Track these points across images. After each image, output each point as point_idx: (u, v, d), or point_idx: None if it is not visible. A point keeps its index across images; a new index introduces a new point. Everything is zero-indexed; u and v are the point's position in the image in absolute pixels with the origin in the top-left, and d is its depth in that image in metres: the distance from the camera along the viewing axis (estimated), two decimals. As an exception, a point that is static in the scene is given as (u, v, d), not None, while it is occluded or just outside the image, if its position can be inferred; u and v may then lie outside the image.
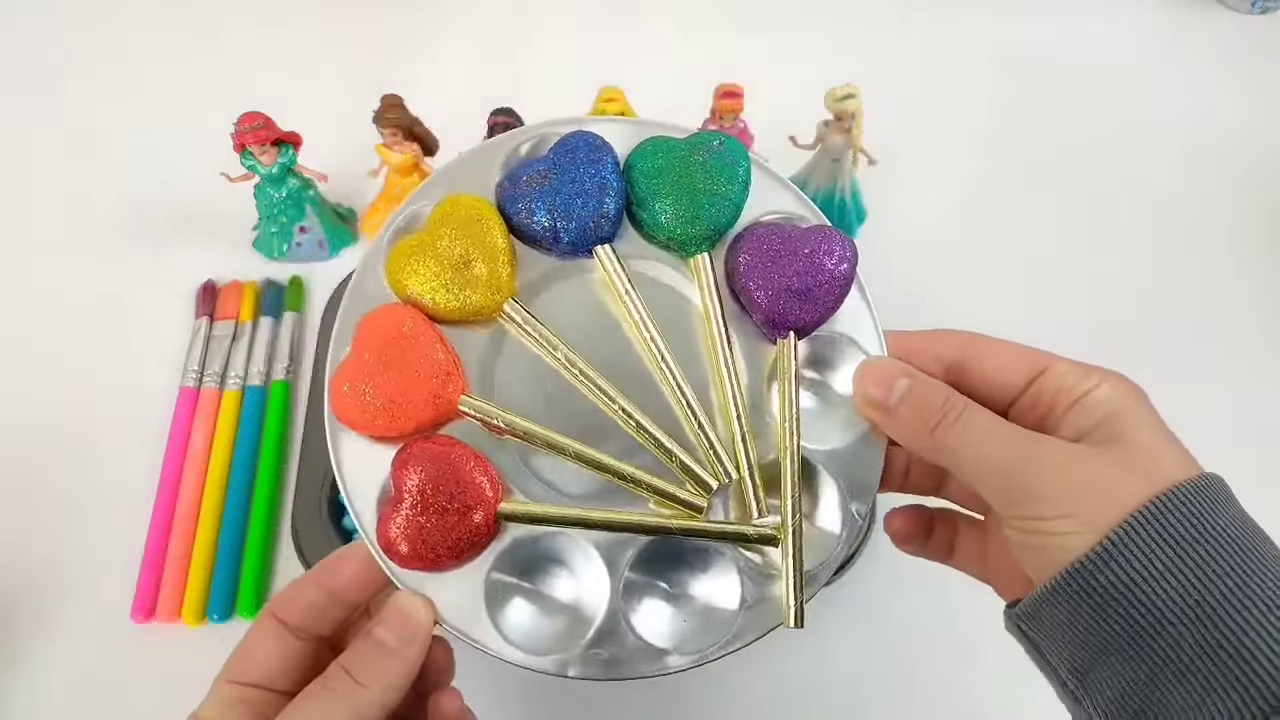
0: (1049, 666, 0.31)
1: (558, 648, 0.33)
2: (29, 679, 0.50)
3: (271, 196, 0.60)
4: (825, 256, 0.35)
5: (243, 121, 0.56)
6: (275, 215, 0.61)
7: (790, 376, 0.35)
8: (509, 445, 0.34)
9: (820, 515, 0.35)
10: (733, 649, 0.33)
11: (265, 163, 0.58)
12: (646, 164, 0.36)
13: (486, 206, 0.35)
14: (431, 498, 0.32)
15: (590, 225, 0.35)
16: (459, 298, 0.34)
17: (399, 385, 0.33)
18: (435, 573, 0.33)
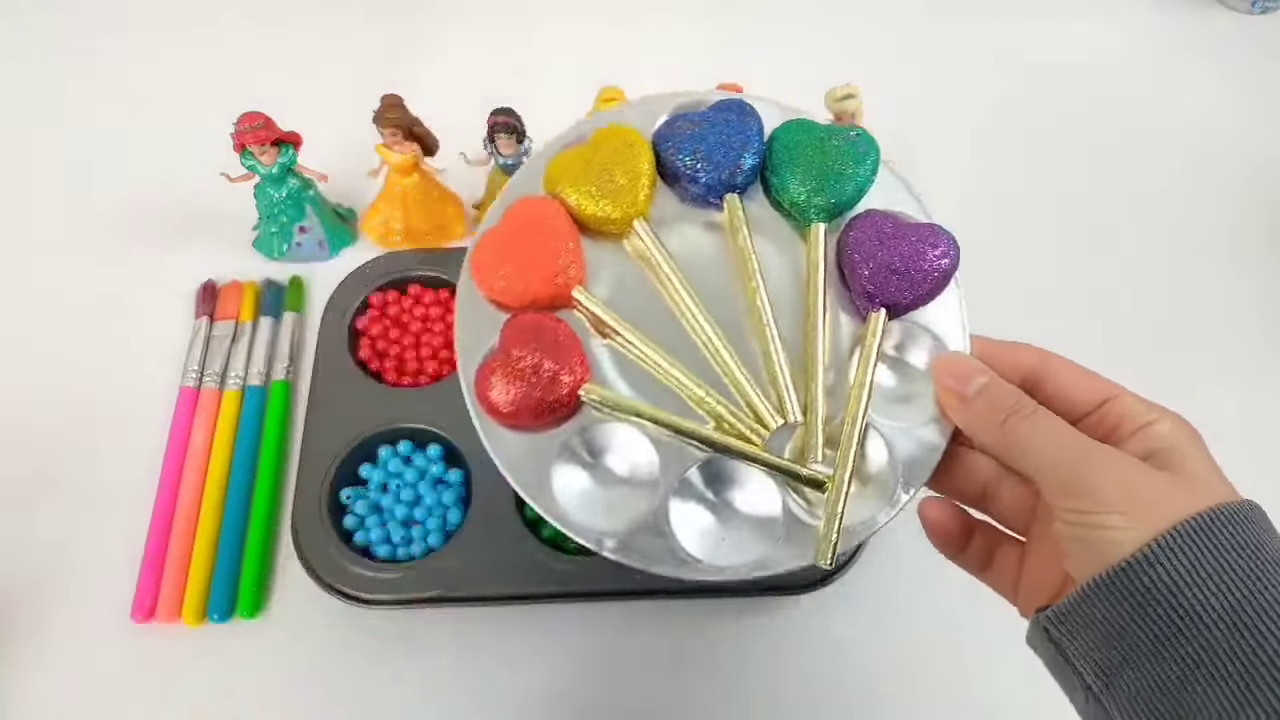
0: (1072, 671, 0.31)
1: (601, 525, 0.36)
2: (30, 679, 0.50)
3: (271, 196, 0.60)
4: (930, 248, 0.37)
5: (243, 121, 0.56)
6: (275, 215, 0.61)
7: (873, 347, 0.37)
8: (602, 347, 0.38)
9: (871, 478, 0.37)
10: (757, 574, 0.36)
11: (265, 163, 0.58)
12: (789, 138, 0.40)
13: (640, 137, 0.40)
14: (528, 356, 0.36)
15: (726, 173, 0.39)
16: (599, 205, 0.38)
17: (528, 259, 0.37)
18: (515, 429, 0.36)
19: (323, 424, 0.55)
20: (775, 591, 0.52)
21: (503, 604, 0.52)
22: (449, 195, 0.64)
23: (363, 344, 0.59)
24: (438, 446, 0.55)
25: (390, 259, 0.62)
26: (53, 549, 0.54)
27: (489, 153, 0.59)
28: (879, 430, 0.37)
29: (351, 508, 0.53)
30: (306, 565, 0.51)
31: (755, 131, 0.40)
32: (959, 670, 0.52)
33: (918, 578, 0.54)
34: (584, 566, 0.51)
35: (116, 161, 0.70)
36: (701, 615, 0.52)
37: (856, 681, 0.51)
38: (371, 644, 0.51)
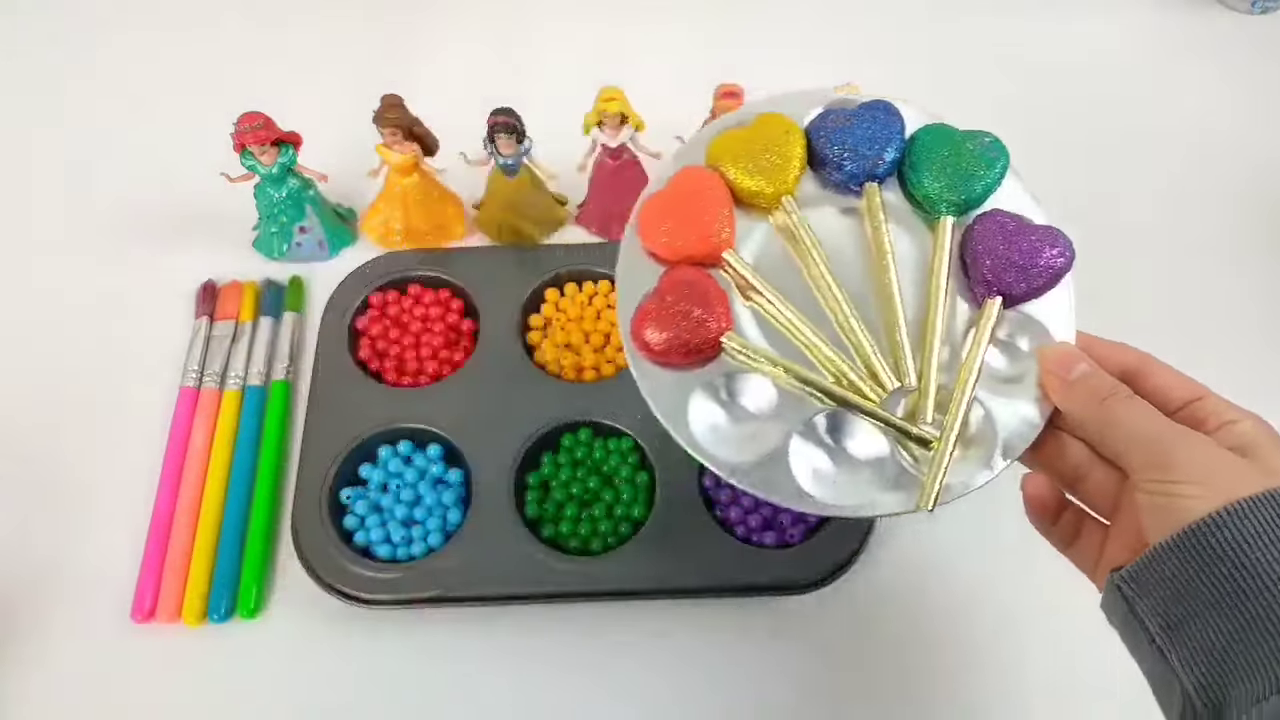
0: (1140, 626, 0.34)
1: (728, 456, 0.40)
2: (30, 679, 0.50)
3: (271, 196, 0.60)
4: (1049, 246, 0.42)
5: (243, 121, 0.56)
6: (275, 215, 0.61)
7: (986, 329, 0.41)
8: (743, 306, 0.43)
9: (972, 444, 0.41)
10: (862, 514, 0.41)
11: (265, 163, 0.58)
12: (929, 138, 0.45)
13: (795, 126, 0.45)
14: (680, 303, 0.41)
15: (869, 164, 0.44)
16: (753, 180, 0.43)
17: (688, 221, 0.43)
18: (663, 365, 0.41)
19: (323, 424, 0.55)
20: (775, 591, 0.52)
21: (502, 604, 0.52)
22: (449, 195, 0.64)
23: (363, 344, 0.59)
24: (438, 446, 0.55)
25: (390, 259, 0.62)
26: (53, 549, 0.54)
27: (489, 153, 0.59)
28: (984, 403, 0.41)
29: (352, 508, 0.53)
30: (307, 565, 0.51)
31: (898, 130, 0.45)
32: (958, 670, 0.52)
33: (917, 578, 0.54)
34: (584, 567, 0.51)
35: (116, 161, 0.70)
36: (702, 615, 0.52)
37: (856, 681, 0.51)
38: (371, 644, 0.51)
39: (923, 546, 0.55)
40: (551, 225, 0.65)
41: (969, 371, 0.41)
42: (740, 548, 0.52)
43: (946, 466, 0.40)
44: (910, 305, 0.42)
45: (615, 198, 0.63)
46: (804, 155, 0.45)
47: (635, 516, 0.53)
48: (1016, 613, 0.53)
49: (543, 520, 0.53)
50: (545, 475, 0.54)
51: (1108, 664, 0.52)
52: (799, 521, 0.53)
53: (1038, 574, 0.54)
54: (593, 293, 0.61)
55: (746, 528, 0.53)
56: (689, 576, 0.51)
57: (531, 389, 0.57)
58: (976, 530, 0.54)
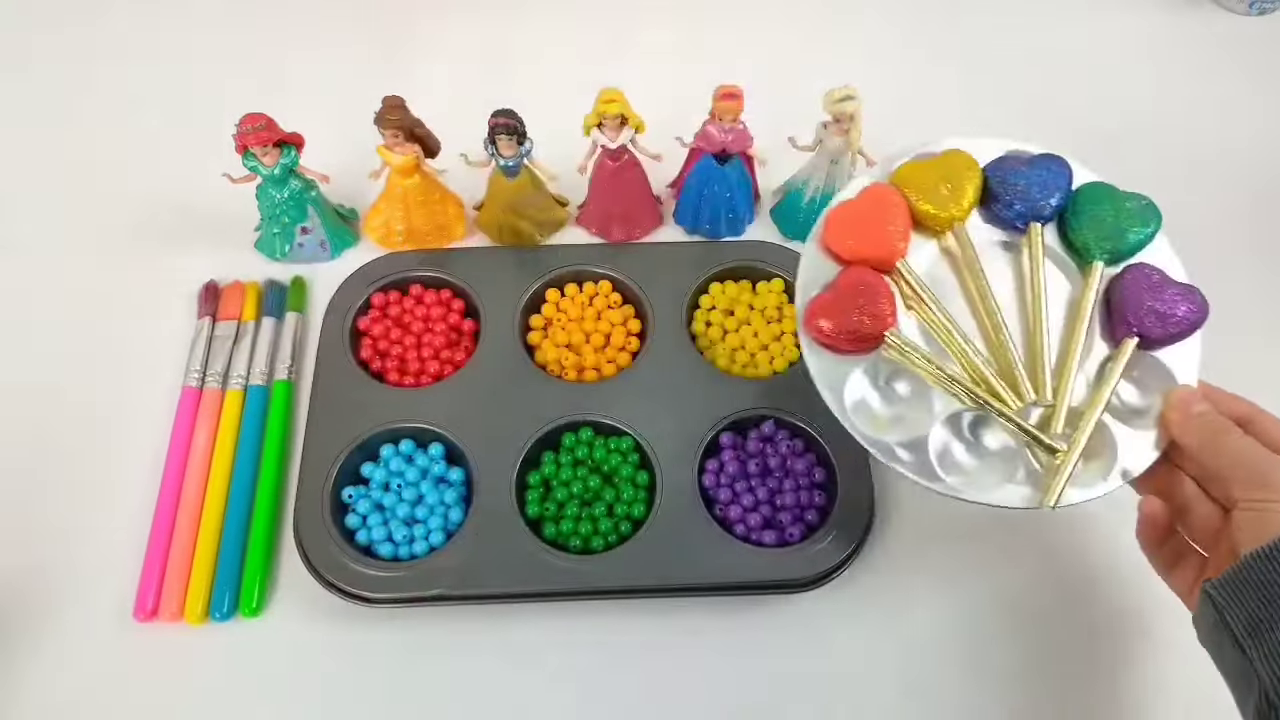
0: (1225, 629, 0.38)
1: (879, 434, 0.47)
2: (33, 678, 0.50)
3: (273, 197, 0.61)
4: (1187, 302, 0.48)
5: (245, 123, 0.57)
6: (277, 216, 0.62)
7: (1121, 363, 0.47)
8: (906, 313, 0.50)
9: (1094, 459, 0.47)
10: (988, 503, 0.46)
11: (267, 164, 0.59)
12: (1093, 192, 0.51)
13: (976, 164, 0.52)
14: (853, 297, 0.48)
15: (1036, 206, 0.50)
16: (932, 204, 0.51)
17: (872, 228, 0.50)
18: (833, 352, 0.48)
19: (325, 423, 0.56)
20: (775, 590, 0.52)
21: (504, 602, 0.52)
22: (450, 196, 0.64)
23: (364, 344, 0.59)
24: (439, 446, 0.55)
25: (392, 259, 0.63)
26: (55, 549, 0.54)
27: (490, 154, 0.59)
28: (1110, 427, 0.47)
29: (354, 507, 0.54)
30: (309, 564, 0.52)
31: (1066, 181, 0.51)
32: (956, 670, 0.52)
33: (916, 579, 0.54)
34: (584, 566, 0.51)
35: (119, 162, 0.70)
36: (702, 614, 0.52)
37: (855, 680, 0.51)
38: (373, 642, 0.52)
39: (922, 545, 0.55)
40: (552, 226, 0.66)
41: (1101, 396, 0.47)
42: (740, 547, 0.52)
43: (1070, 474, 0.45)
44: (1053, 334, 0.49)
45: (615, 199, 0.63)
46: (978, 190, 0.51)
47: (636, 516, 0.53)
48: (1017, 612, 0.53)
49: (544, 519, 0.53)
50: (546, 474, 0.55)
51: (1108, 663, 0.53)
52: (798, 521, 0.53)
53: (1038, 574, 0.55)
54: (593, 293, 0.62)
55: (746, 527, 0.53)
56: (689, 575, 0.51)
57: (532, 389, 0.57)
58: (977, 529, 0.55)
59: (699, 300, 0.62)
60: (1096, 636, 0.53)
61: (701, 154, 0.62)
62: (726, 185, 0.62)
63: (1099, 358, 0.49)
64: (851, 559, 0.52)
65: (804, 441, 0.56)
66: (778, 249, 0.63)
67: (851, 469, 0.54)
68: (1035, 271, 0.50)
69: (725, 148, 0.60)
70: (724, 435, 0.56)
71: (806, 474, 0.55)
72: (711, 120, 0.59)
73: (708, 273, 0.62)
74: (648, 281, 0.61)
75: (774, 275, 0.62)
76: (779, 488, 0.54)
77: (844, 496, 0.53)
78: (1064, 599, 0.54)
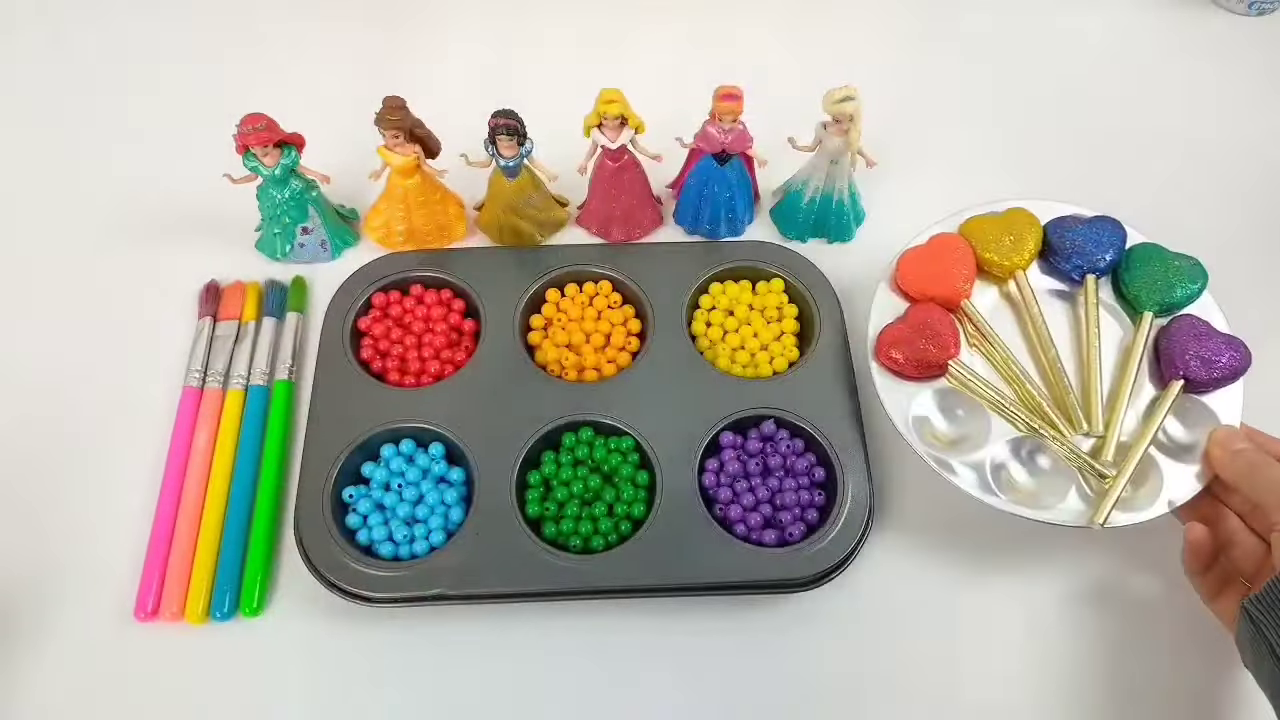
0: (1263, 640, 0.41)
1: (936, 451, 0.52)
2: (33, 677, 0.50)
3: (274, 198, 0.61)
4: (1231, 351, 0.53)
5: (245, 123, 0.57)
6: (278, 216, 0.62)
7: (1169, 401, 0.53)
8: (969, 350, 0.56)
9: (1141, 486, 0.51)
10: (1040, 519, 0.50)
11: (268, 164, 0.59)
12: (1144, 251, 0.57)
13: (1037, 221, 0.59)
14: (921, 328, 0.54)
15: (1092, 260, 0.57)
16: (996, 253, 0.57)
17: (941, 270, 0.57)
18: (897, 375, 0.54)
19: (325, 423, 0.56)
20: (775, 589, 0.52)
21: (504, 602, 0.52)
22: (450, 196, 0.65)
23: (365, 344, 0.59)
24: (440, 445, 0.55)
25: (392, 260, 0.63)
26: (56, 548, 0.54)
27: (490, 154, 0.59)
28: (1156, 459, 0.51)
29: (354, 506, 0.54)
30: (309, 564, 0.52)
31: (1120, 239, 0.58)
32: (956, 670, 0.52)
33: (916, 578, 0.54)
34: (585, 565, 0.51)
35: (119, 161, 0.70)
36: (702, 613, 0.53)
37: (855, 680, 0.51)
38: (374, 642, 0.52)
39: (922, 545, 0.55)
40: (552, 226, 0.66)
41: (1149, 429, 0.52)
42: (740, 546, 0.52)
43: (1118, 497, 0.50)
44: (1105, 374, 0.54)
45: (615, 199, 0.63)
46: (1039, 243, 0.58)
47: (636, 515, 0.53)
48: (1017, 612, 0.53)
49: (544, 519, 0.54)
50: (546, 474, 0.55)
51: (1108, 662, 0.53)
52: (799, 520, 0.53)
53: (1038, 575, 0.55)
54: (593, 293, 0.62)
55: (746, 526, 0.53)
56: (689, 575, 0.51)
57: (533, 389, 0.57)
58: (977, 530, 0.55)
59: (699, 300, 0.62)
60: (1095, 637, 0.53)
61: (701, 154, 0.62)
62: (726, 186, 0.62)
63: (1148, 397, 0.54)
64: (852, 558, 0.52)
65: (804, 441, 0.56)
66: (778, 249, 0.63)
67: (852, 468, 0.54)
68: (1090, 317, 0.56)
69: (725, 148, 0.60)
70: (724, 435, 0.56)
71: (806, 473, 0.55)
72: (711, 121, 0.60)
73: (708, 273, 0.62)
74: (648, 282, 0.61)
75: (774, 275, 0.62)
76: (779, 487, 0.54)
77: (844, 496, 0.53)
78: (1063, 599, 0.54)
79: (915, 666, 0.52)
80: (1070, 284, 0.58)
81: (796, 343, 0.60)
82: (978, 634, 0.53)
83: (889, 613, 0.53)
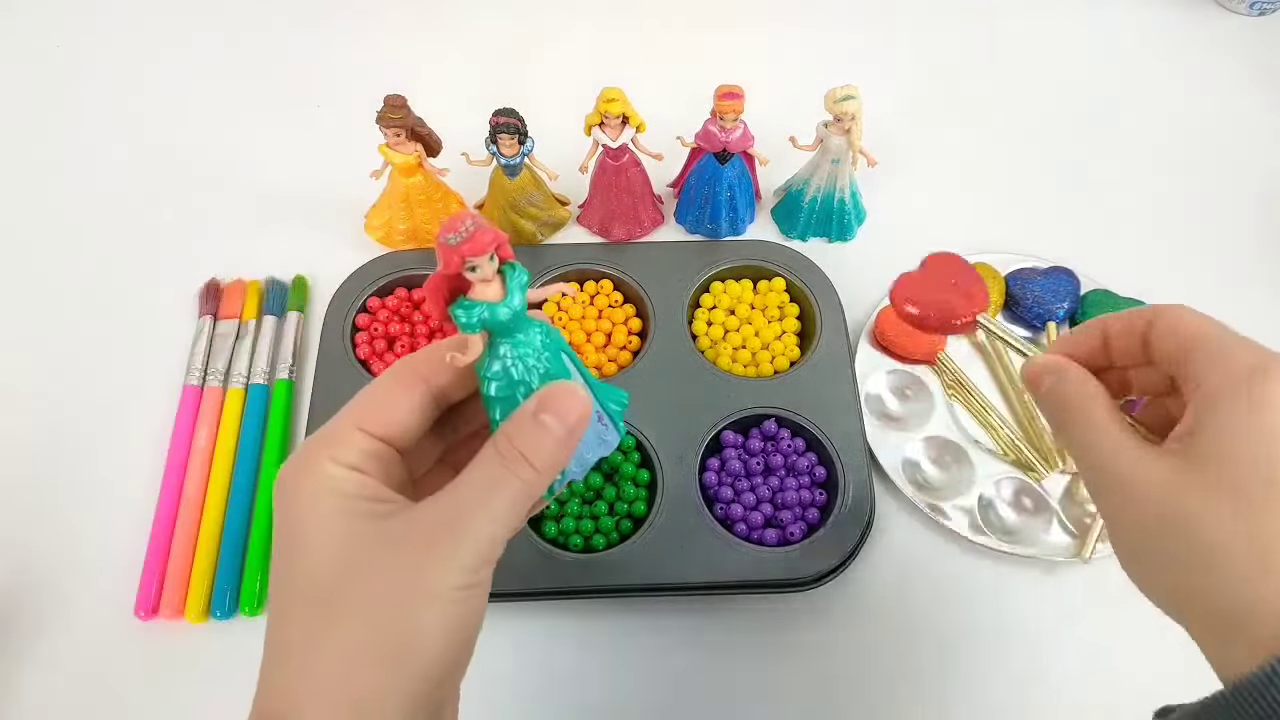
0: None
1: (926, 497, 0.55)
2: (34, 676, 0.50)
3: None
4: None
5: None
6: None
7: None
8: None
9: None
10: (1024, 553, 0.53)
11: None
12: (1098, 298, 0.61)
13: (999, 274, 0.63)
14: (943, 274, 0.46)
15: (1050, 309, 0.61)
16: None
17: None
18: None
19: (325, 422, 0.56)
20: (777, 589, 0.52)
21: (503, 600, 0.52)
22: (452, 195, 0.65)
23: (365, 343, 0.59)
24: (440, 445, 0.55)
25: (393, 259, 0.63)
26: (57, 547, 0.54)
27: (491, 153, 0.59)
28: None
29: (355, 505, 0.54)
30: (310, 562, 0.52)
31: (1074, 289, 0.61)
32: (956, 669, 0.52)
33: (916, 577, 0.54)
34: (584, 564, 0.51)
35: (118, 159, 0.70)
36: (702, 612, 0.52)
37: (856, 680, 0.51)
38: (374, 641, 0.52)
39: (923, 544, 0.55)
40: (553, 225, 0.66)
41: None
42: (741, 545, 0.52)
43: (1100, 531, 0.52)
44: None
45: (616, 198, 0.63)
46: (1002, 295, 0.62)
47: (637, 514, 0.53)
48: (1017, 609, 0.53)
49: (545, 517, 0.53)
50: (547, 473, 0.55)
51: (1107, 661, 0.53)
52: (800, 520, 0.53)
53: (1038, 576, 0.55)
54: (594, 292, 0.62)
55: (748, 526, 0.53)
56: (690, 574, 0.51)
57: (533, 388, 0.57)
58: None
59: (700, 300, 0.62)
60: (1096, 638, 0.53)
61: (702, 153, 0.62)
62: (727, 185, 0.62)
63: None
64: (853, 558, 0.52)
65: (805, 440, 0.56)
66: (779, 248, 0.63)
67: (853, 468, 0.54)
68: None
69: (726, 147, 0.60)
70: (725, 434, 0.56)
71: (808, 473, 0.55)
72: (712, 120, 0.60)
73: (709, 272, 0.62)
74: (649, 281, 0.61)
75: (775, 275, 0.62)
76: (780, 486, 0.54)
77: (845, 495, 0.53)
78: (1064, 600, 0.54)
79: (916, 666, 0.52)
80: (1034, 330, 0.61)
81: (798, 342, 0.60)
82: (979, 634, 0.53)
83: (890, 612, 0.53)
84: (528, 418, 0.30)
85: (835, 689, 0.51)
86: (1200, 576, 0.29)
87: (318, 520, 0.29)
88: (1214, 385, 0.31)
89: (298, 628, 0.28)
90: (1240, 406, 0.30)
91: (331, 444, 0.30)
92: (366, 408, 0.32)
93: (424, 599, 0.28)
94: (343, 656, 0.28)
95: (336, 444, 0.30)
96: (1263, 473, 0.29)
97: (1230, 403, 0.30)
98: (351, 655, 0.28)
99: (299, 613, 0.28)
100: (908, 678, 0.51)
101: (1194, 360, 0.32)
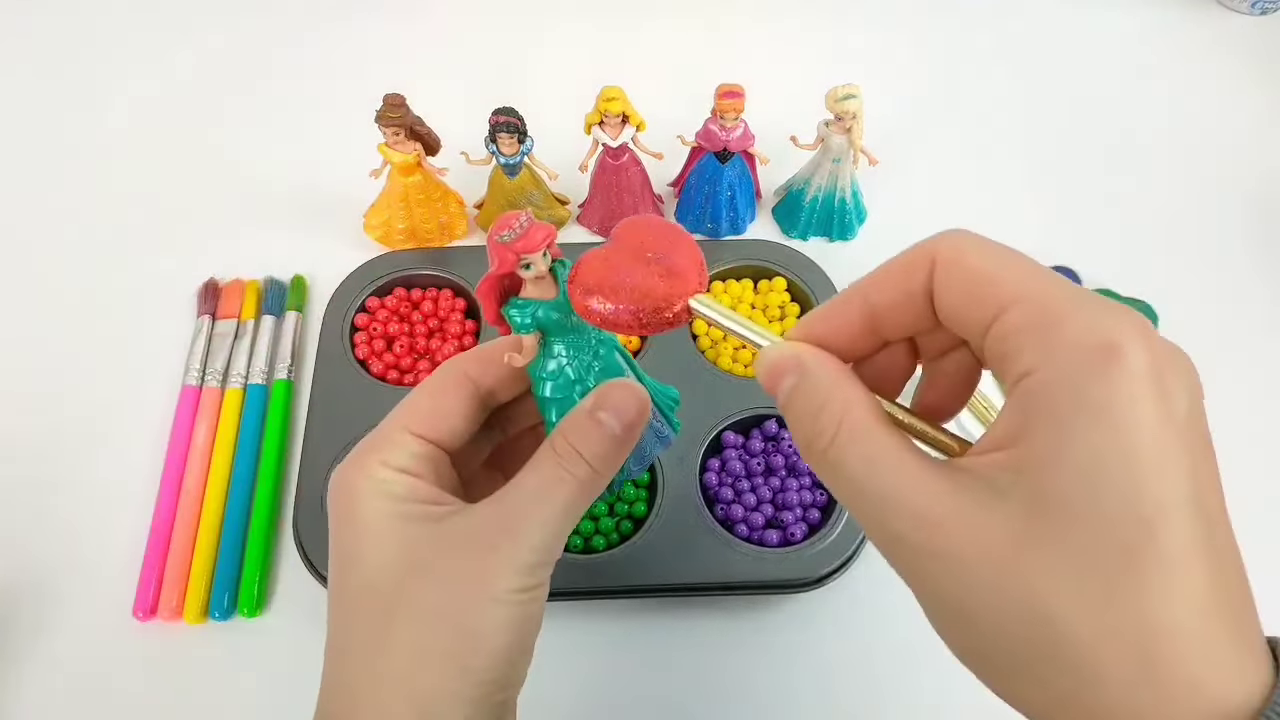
0: None
1: None
2: (32, 677, 0.50)
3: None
4: None
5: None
6: None
7: None
8: None
9: None
10: None
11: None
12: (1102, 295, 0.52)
13: None
14: (637, 248, 0.29)
15: None
16: None
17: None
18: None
19: (324, 423, 0.55)
20: (778, 589, 0.52)
21: (505, 602, 0.52)
22: (451, 194, 0.64)
23: (364, 343, 0.59)
24: (440, 445, 0.55)
25: (392, 259, 0.62)
26: (54, 548, 0.54)
27: (490, 152, 0.59)
28: None
29: (353, 506, 0.53)
30: (308, 564, 0.51)
31: None
32: (957, 670, 0.52)
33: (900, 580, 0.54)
34: (584, 565, 0.51)
35: (118, 160, 0.70)
36: (701, 612, 0.52)
37: (856, 681, 0.51)
38: (373, 642, 0.51)
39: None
40: (553, 225, 0.65)
41: None
42: (742, 546, 0.52)
43: None
44: None
45: (617, 197, 0.63)
46: None
47: (637, 515, 0.53)
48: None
49: (544, 518, 0.53)
50: (547, 474, 0.54)
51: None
52: (801, 520, 0.53)
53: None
54: (594, 292, 0.62)
55: (749, 526, 0.53)
56: (691, 575, 0.51)
57: (533, 388, 0.57)
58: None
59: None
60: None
61: (703, 153, 0.61)
62: (728, 184, 0.62)
63: None
64: (855, 558, 0.52)
65: (806, 441, 0.56)
66: (779, 248, 0.63)
67: (854, 468, 0.54)
68: None
69: (727, 146, 0.60)
70: (726, 434, 0.56)
71: (809, 473, 0.54)
72: (713, 119, 0.59)
73: (710, 272, 0.62)
74: (649, 280, 0.61)
75: (776, 274, 0.62)
76: (781, 487, 0.54)
77: (846, 496, 0.53)
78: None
79: (917, 667, 0.51)
80: None
81: (798, 342, 0.60)
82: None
83: (891, 613, 0.53)
84: (584, 416, 0.30)
85: (836, 690, 0.51)
86: (1068, 680, 0.21)
87: (374, 523, 0.29)
88: (1042, 379, 0.21)
89: (359, 629, 0.28)
90: (1083, 418, 0.20)
91: (381, 447, 0.30)
92: (415, 410, 0.31)
93: (487, 602, 0.28)
94: (406, 657, 0.28)
95: (386, 447, 0.30)
96: (1122, 534, 0.20)
97: (1071, 411, 0.21)
98: (415, 656, 0.28)
99: (360, 614, 0.29)
100: (909, 679, 0.51)
101: (1008, 332, 0.22)
